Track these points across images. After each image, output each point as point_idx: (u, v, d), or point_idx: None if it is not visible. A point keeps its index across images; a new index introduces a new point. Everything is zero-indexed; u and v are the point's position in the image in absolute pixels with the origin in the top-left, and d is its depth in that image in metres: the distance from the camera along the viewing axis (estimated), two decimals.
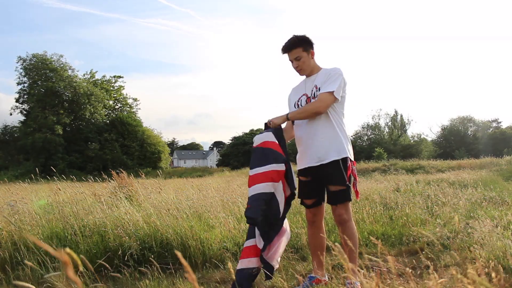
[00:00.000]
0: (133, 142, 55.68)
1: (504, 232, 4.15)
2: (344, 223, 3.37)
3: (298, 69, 3.56)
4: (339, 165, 3.35)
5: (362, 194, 8.26)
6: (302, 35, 3.52)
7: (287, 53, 3.53)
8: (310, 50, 3.52)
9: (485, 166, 26.04)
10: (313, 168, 3.46)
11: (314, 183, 3.52)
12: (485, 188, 9.62)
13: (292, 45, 3.48)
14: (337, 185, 3.35)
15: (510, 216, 4.80)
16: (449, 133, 65.58)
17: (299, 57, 3.48)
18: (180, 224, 4.63)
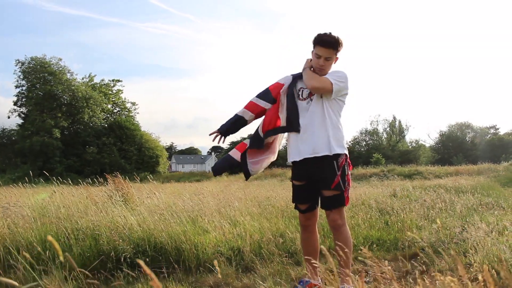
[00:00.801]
0: (131, 146, 55.59)
1: (499, 237, 4.14)
2: (338, 228, 3.35)
3: (321, 68, 3.45)
4: (333, 167, 3.33)
5: (358, 199, 8.26)
6: (341, 38, 3.40)
7: (323, 48, 3.37)
8: (337, 56, 3.48)
9: (483, 172, 26.06)
10: (307, 165, 3.42)
11: (308, 187, 3.49)
12: (482, 194, 9.61)
13: (333, 45, 3.36)
14: (332, 190, 3.33)
15: (505, 221, 4.79)
16: (447, 139, 65.68)
17: (330, 59, 3.42)
18: (174, 228, 4.62)
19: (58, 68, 53.62)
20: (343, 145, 3.42)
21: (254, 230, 5.09)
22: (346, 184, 3.39)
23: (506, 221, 4.80)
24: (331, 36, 3.35)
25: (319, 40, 3.36)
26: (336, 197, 3.34)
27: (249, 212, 6.21)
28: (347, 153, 3.45)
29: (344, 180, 3.37)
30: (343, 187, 3.34)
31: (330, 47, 3.35)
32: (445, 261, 3.96)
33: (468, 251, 4.03)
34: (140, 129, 59.06)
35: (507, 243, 3.87)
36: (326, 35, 3.35)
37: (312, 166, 3.39)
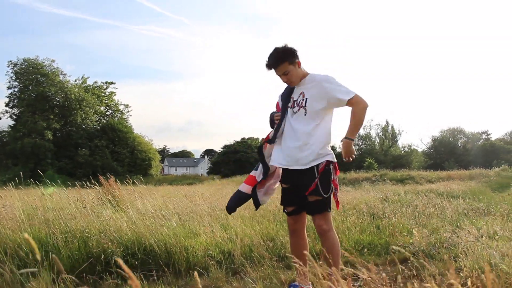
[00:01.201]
0: (123, 148, 55.39)
1: (489, 242, 4.15)
2: (324, 234, 3.35)
3: (288, 82, 3.53)
4: (313, 172, 3.34)
5: (350, 203, 8.25)
6: (284, 48, 3.43)
7: (274, 70, 3.45)
8: (296, 61, 3.45)
9: (475, 177, 26.20)
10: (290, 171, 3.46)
11: (293, 190, 3.51)
12: (473, 199, 9.65)
13: (277, 62, 3.39)
14: (314, 195, 3.34)
15: (495, 226, 4.80)
16: (439, 144, 66.02)
17: (287, 72, 3.42)
18: (164, 230, 4.59)
19: (51, 69, 53.44)
20: (323, 153, 3.41)
21: (245, 234, 5.07)
22: (331, 189, 3.39)
23: (496, 226, 4.81)
24: (272, 56, 3.42)
25: (266, 65, 3.45)
26: (320, 202, 3.35)
27: (240, 215, 6.19)
28: (329, 159, 3.42)
29: (326, 185, 3.36)
30: (324, 193, 3.34)
31: (277, 65, 3.40)
32: (435, 265, 3.97)
33: (458, 256, 4.04)
34: (133, 132, 58.91)
35: (497, 248, 3.88)
36: (268, 58, 3.44)
37: (294, 172, 3.44)
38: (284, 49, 3.43)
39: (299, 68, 3.48)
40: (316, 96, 3.41)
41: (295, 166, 3.42)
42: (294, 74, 3.45)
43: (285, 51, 3.42)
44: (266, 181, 3.68)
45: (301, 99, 3.47)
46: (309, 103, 3.42)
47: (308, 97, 3.44)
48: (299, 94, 3.51)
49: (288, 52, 3.42)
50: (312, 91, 3.43)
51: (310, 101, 3.42)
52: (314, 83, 3.44)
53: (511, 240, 4.17)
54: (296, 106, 3.49)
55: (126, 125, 59.54)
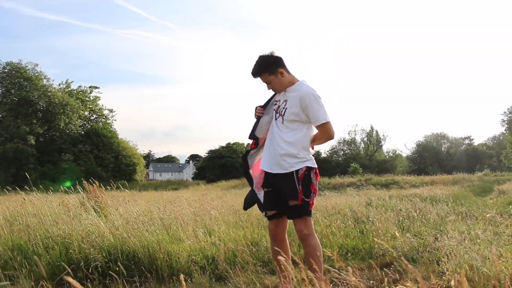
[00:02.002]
0: (108, 153, 54.96)
1: (471, 246, 4.18)
2: (305, 238, 3.36)
3: (272, 90, 3.59)
4: (293, 178, 3.35)
5: (334, 208, 8.27)
6: (265, 58, 3.44)
7: (259, 78, 3.52)
8: (278, 70, 3.44)
9: (458, 182, 26.52)
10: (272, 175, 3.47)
11: (274, 194, 3.51)
12: (456, 203, 9.74)
13: (257, 72, 3.46)
14: (293, 200, 3.34)
15: (477, 230, 4.85)
16: (423, 149, 66.77)
17: (269, 81, 3.47)
18: (148, 236, 4.55)
19: (34, 73, 52.80)
20: (303, 158, 3.42)
21: (229, 239, 5.05)
22: (311, 194, 3.41)
23: (478, 229, 4.86)
24: (255, 66, 3.47)
25: (251, 73, 3.51)
26: (300, 206, 3.35)
27: (224, 220, 6.17)
28: (309, 165, 3.43)
29: (307, 190, 3.38)
30: (307, 198, 3.36)
31: (258, 75, 3.48)
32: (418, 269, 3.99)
33: (441, 260, 4.06)
34: (117, 137, 58.50)
35: (478, 251, 3.91)
36: (253, 67, 3.48)
37: (274, 176, 3.46)
38: (265, 59, 3.44)
39: (283, 76, 3.47)
40: (294, 107, 3.41)
41: (276, 170, 3.43)
42: (276, 83, 3.47)
43: (265, 62, 3.44)
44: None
45: (282, 107, 3.49)
46: (287, 112, 3.44)
47: (287, 106, 3.45)
48: (283, 100, 3.52)
49: (269, 62, 3.44)
50: (292, 101, 3.44)
51: (288, 111, 3.44)
52: (297, 93, 3.44)
53: (492, 243, 4.21)
54: (278, 113, 3.52)
55: (111, 130, 59.11)
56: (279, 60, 3.47)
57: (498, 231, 5.27)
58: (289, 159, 3.39)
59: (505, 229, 5.27)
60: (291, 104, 3.43)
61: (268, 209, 3.57)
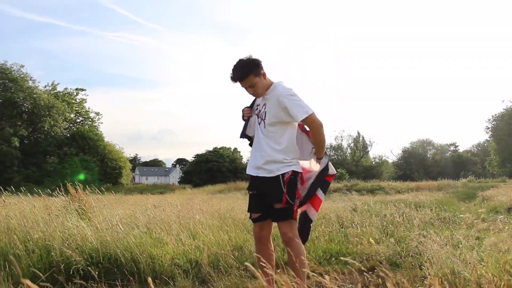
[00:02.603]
0: (94, 156, 54.43)
1: (454, 251, 4.21)
2: (289, 241, 3.35)
3: (254, 95, 3.52)
4: (279, 181, 3.35)
5: (319, 213, 8.27)
6: (249, 60, 3.40)
7: (240, 82, 3.42)
8: (261, 72, 3.42)
9: (443, 188, 26.75)
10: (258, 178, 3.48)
11: (259, 196, 3.50)
12: (440, 209, 9.83)
13: (243, 74, 3.36)
14: (278, 203, 3.35)
15: (459, 235, 4.89)
16: (409, 155, 67.35)
17: (253, 84, 3.40)
18: (131, 239, 4.52)
19: (20, 75, 52.09)
20: (289, 163, 3.43)
21: (213, 243, 5.03)
22: (295, 199, 3.40)
23: (460, 235, 4.90)
24: (237, 69, 3.39)
25: (231, 78, 3.42)
26: (285, 210, 3.36)
27: (209, 224, 6.15)
28: (295, 169, 3.43)
29: (292, 194, 3.38)
30: (291, 201, 3.36)
31: (243, 78, 3.38)
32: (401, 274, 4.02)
33: (423, 264, 4.10)
34: (103, 140, 58.01)
35: (460, 256, 3.94)
36: (233, 71, 3.40)
37: (260, 180, 3.47)
38: (249, 60, 3.39)
39: (265, 79, 3.46)
40: (273, 110, 3.41)
41: (261, 174, 3.44)
42: (260, 86, 3.43)
43: (250, 63, 3.38)
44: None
45: (262, 111, 3.49)
46: (268, 116, 3.43)
47: (267, 110, 3.45)
48: (263, 104, 3.52)
49: (254, 63, 3.39)
50: (270, 104, 3.43)
51: (268, 114, 3.43)
52: (273, 94, 3.43)
53: (474, 248, 4.25)
54: (259, 118, 3.52)
55: (97, 133, 58.60)
56: (260, 62, 3.44)
57: (480, 236, 5.33)
58: (276, 164, 3.40)
59: (487, 234, 5.34)
60: (270, 106, 3.43)
61: (253, 212, 3.57)
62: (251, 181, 3.59)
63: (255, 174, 3.49)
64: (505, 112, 55.19)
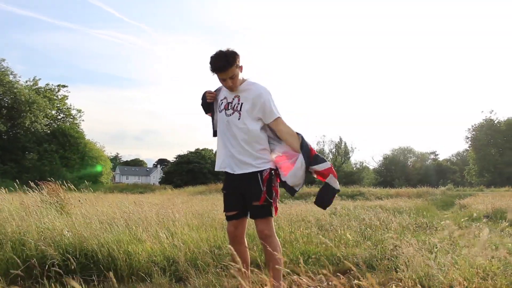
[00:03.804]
0: (74, 154, 53.86)
1: (429, 255, 4.28)
2: (266, 239, 3.36)
3: (231, 87, 3.43)
4: (257, 179, 3.36)
5: (299, 215, 8.33)
6: (232, 51, 3.36)
7: (222, 73, 3.35)
8: (240, 65, 3.42)
9: (422, 195, 27.10)
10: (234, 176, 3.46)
11: (236, 195, 3.50)
12: (418, 215, 9.95)
13: (228, 65, 3.30)
14: (257, 201, 3.35)
15: (435, 239, 4.97)
16: (390, 162, 67.94)
17: (234, 75, 3.36)
18: (108, 235, 4.49)
19: (0, 68, 51.33)
20: (265, 159, 3.44)
21: (191, 241, 5.02)
22: (273, 195, 3.42)
23: (436, 239, 4.98)
24: (221, 59, 3.32)
25: (214, 68, 3.35)
26: (263, 207, 3.36)
27: (188, 223, 6.13)
28: (272, 166, 3.45)
29: (270, 191, 3.40)
30: (270, 199, 3.37)
31: (228, 68, 3.32)
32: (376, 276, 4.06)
33: (399, 267, 4.15)
34: (84, 138, 57.42)
35: (435, 259, 4.00)
36: (216, 61, 3.33)
37: (238, 177, 3.45)
38: (231, 52, 3.36)
39: (241, 72, 3.46)
40: (252, 103, 3.40)
41: (238, 171, 3.43)
42: (237, 78, 3.42)
43: (233, 54, 3.35)
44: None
45: (236, 103, 3.45)
46: (244, 109, 3.41)
47: (243, 102, 3.42)
48: (234, 97, 3.47)
49: (236, 55, 3.36)
50: (249, 98, 3.41)
51: (245, 106, 3.41)
52: (252, 91, 3.42)
53: (448, 252, 4.32)
54: (231, 109, 3.46)
55: (78, 130, 57.96)
56: (239, 55, 3.40)
57: (455, 242, 5.41)
58: (252, 159, 3.39)
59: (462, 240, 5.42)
60: (246, 101, 3.42)
61: (228, 210, 3.57)
62: (227, 180, 3.57)
63: (231, 172, 3.46)
64: (484, 123, 56.23)
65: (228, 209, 3.56)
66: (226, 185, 3.58)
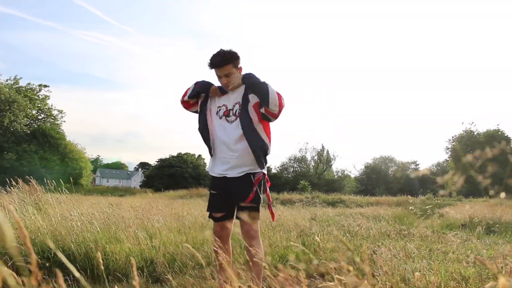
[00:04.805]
0: (54, 155, 53.17)
1: (406, 260, 4.32)
2: (251, 240, 3.36)
3: (226, 85, 3.50)
4: (250, 180, 3.37)
5: (278, 220, 8.34)
6: (231, 51, 3.47)
7: (217, 69, 3.45)
8: (239, 65, 3.51)
9: (402, 204, 27.35)
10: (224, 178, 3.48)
11: (224, 196, 3.51)
12: (397, 222, 10.05)
13: (223, 62, 3.41)
14: (246, 202, 3.36)
15: (412, 244, 5.03)
16: (371, 171, 68.45)
17: (230, 74, 3.44)
18: (86, 235, 4.44)
19: None
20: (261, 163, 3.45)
21: (170, 243, 5.00)
22: (267, 200, 3.47)
23: (412, 244, 5.04)
24: (218, 55, 3.43)
25: (210, 64, 3.46)
26: (251, 209, 3.36)
27: (167, 225, 6.10)
28: (264, 171, 3.49)
29: (259, 194, 3.41)
30: (258, 201, 3.39)
31: (223, 65, 3.41)
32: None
33: (376, 272, 4.18)
34: (65, 139, 56.74)
35: (412, 264, 4.05)
36: (214, 57, 3.43)
37: (228, 178, 3.46)
38: (230, 51, 3.46)
39: (240, 73, 3.52)
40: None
41: (232, 174, 3.44)
42: (234, 78, 3.47)
43: (232, 54, 3.46)
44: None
45: (237, 109, 3.48)
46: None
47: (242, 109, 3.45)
48: (235, 103, 3.52)
49: (234, 55, 3.47)
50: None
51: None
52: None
53: (425, 258, 4.37)
54: (233, 116, 3.49)
55: (59, 131, 57.25)
56: (239, 56, 3.51)
57: (432, 248, 5.49)
58: (247, 162, 3.42)
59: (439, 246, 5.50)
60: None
61: (215, 211, 3.56)
62: (216, 181, 3.57)
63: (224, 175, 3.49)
64: (464, 134, 57.09)
65: (215, 210, 3.56)
66: (215, 185, 3.58)
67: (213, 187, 3.61)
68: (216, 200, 3.58)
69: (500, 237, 7.96)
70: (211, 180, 3.65)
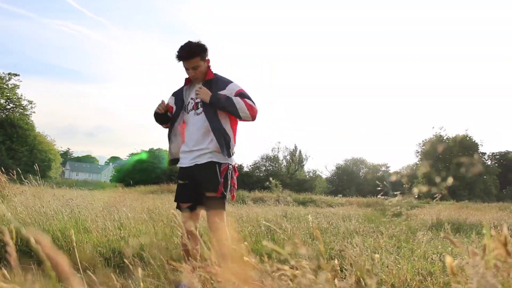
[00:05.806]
0: (22, 146, 52.01)
1: (373, 255, 4.38)
2: (217, 230, 3.37)
3: (194, 77, 3.54)
4: (215, 171, 3.38)
5: (249, 216, 8.35)
6: (199, 43, 3.50)
7: (185, 61, 3.48)
8: (206, 58, 3.53)
9: (371, 204, 27.73)
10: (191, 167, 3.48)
11: (191, 186, 3.50)
12: (366, 221, 10.18)
13: (190, 55, 3.44)
14: (212, 192, 3.36)
15: (380, 242, 5.10)
16: (342, 172, 69.24)
17: (197, 66, 3.48)
18: (52, 223, 4.36)
19: None
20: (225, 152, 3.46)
21: (139, 234, 4.95)
22: (230, 188, 3.49)
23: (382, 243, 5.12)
24: (186, 48, 3.45)
25: (178, 56, 3.48)
26: (217, 199, 3.37)
27: (136, 217, 6.04)
28: (231, 162, 3.51)
29: (227, 184, 3.44)
30: (225, 191, 3.41)
31: (190, 58, 3.44)
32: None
33: (345, 267, 4.23)
34: (34, 130, 55.54)
35: (379, 260, 4.10)
36: (181, 49, 3.45)
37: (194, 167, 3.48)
38: (198, 44, 3.48)
39: (208, 66, 3.54)
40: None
41: (197, 162, 3.45)
42: (202, 70, 3.51)
43: (200, 46, 3.48)
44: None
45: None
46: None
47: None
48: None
49: (202, 47, 3.49)
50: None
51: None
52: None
53: (392, 253, 4.44)
54: (201, 107, 3.52)
55: (28, 122, 56.02)
56: (207, 48, 3.54)
57: (399, 245, 5.58)
58: (213, 150, 3.46)
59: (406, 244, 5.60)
60: None
61: (183, 201, 3.55)
62: (184, 170, 3.57)
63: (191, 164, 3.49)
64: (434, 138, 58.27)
65: (182, 200, 3.55)
66: (183, 175, 3.59)
67: (181, 177, 3.62)
68: (182, 190, 3.59)
69: (465, 237, 8.19)
70: (179, 171, 3.66)
